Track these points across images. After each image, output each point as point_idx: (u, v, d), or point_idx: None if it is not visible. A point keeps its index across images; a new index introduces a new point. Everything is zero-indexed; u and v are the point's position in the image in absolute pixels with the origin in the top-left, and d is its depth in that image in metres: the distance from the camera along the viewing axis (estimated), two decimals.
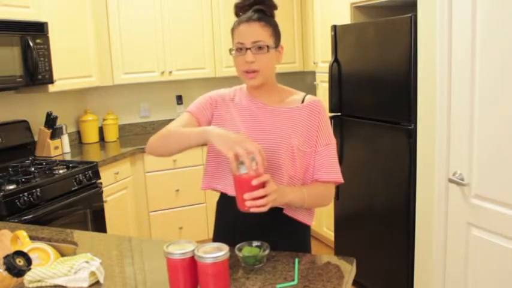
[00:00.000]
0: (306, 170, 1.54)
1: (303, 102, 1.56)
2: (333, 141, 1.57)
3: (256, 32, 1.45)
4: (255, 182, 1.29)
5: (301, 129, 1.52)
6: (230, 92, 1.65)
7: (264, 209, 1.31)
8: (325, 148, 1.54)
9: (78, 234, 1.78)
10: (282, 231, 1.55)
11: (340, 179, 1.55)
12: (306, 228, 1.62)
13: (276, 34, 1.51)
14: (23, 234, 1.53)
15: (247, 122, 1.55)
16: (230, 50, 1.51)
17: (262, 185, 1.31)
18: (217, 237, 1.66)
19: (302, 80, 4.46)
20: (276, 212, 1.48)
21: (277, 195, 1.34)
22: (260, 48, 1.45)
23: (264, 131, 1.52)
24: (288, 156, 1.49)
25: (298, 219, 1.55)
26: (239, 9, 1.52)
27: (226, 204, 1.60)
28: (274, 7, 1.53)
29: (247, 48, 1.45)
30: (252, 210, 1.31)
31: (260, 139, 1.49)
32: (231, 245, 1.34)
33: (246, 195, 1.29)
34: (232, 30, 1.52)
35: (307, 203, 1.50)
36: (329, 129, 1.57)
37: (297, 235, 1.59)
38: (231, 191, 1.51)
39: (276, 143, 1.50)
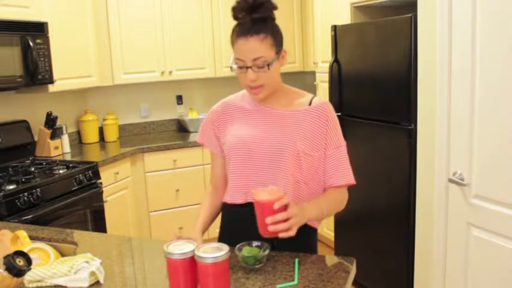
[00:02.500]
0: (315, 173, 1.52)
1: (310, 104, 1.53)
2: (343, 144, 1.54)
3: (255, 48, 1.40)
4: (276, 206, 1.27)
5: (307, 132, 1.50)
6: (233, 98, 1.64)
7: (292, 233, 1.30)
8: (336, 151, 1.52)
9: (78, 234, 1.78)
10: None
11: (352, 181, 1.55)
12: (313, 231, 1.60)
13: (277, 41, 1.45)
14: (23, 234, 1.53)
15: (251, 126, 1.54)
16: (231, 68, 1.47)
17: (284, 208, 1.30)
18: (222, 236, 1.65)
19: (302, 80, 4.46)
20: None
21: (299, 218, 1.33)
22: (261, 65, 1.42)
23: (268, 134, 1.50)
24: (294, 160, 1.47)
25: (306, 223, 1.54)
26: (237, 12, 1.45)
27: (233, 209, 1.58)
28: (274, 8, 1.46)
29: (247, 67, 1.42)
30: (281, 235, 1.29)
31: (265, 143, 1.49)
32: (235, 243, 1.34)
33: (268, 219, 1.27)
34: (231, 41, 1.46)
35: (326, 215, 1.52)
36: (338, 131, 1.55)
37: (305, 238, 1.56)
38: (230, 200, 1.55)
39: (280, 146, 1.48)
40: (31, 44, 2.82)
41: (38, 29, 2.91)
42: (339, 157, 1.52)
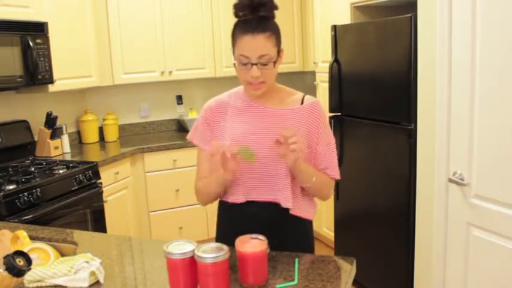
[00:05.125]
0: None
1: (302, 103, 1.57)
2: (332, 141, 1.60)
3: (262, 45, 1.42)
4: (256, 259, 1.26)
5: (302, 130, 1.53)
6: (225, 97, 1.64)
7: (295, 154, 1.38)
8: (326, 148, 1.57)
9: (78, 234, 1.78)
10: (286, 229, 1.56)
11: (338, 176, 1.60)
12: (309, 223, 1.63)
13: (278, 40, 1.48)
14: (23, 234, 1.53)
15: (248, 125, 1.54)
16: (234, 64, 1.48)
17: (265, 258, 1.28)
18: (221, 235, 1.66)
19: (302, 80, 4.46)
20: (279, 211, 1.50)
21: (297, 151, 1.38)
22: (266, 63, 1.43)
23: (267, 132, 1.51)
24: None
25: (301, 216, 1.57)
26: (239, 10, 1.46)
27: (229, 204, 1.59)
28: (276, 7, 1.48)
29: (252, 64, 1.43)
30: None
31: (264, 141, 1.49)
32: (234, 243, 1.34)
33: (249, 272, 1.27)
34: (234, 37, 1.47)
35: (314, 184, 1.53)
36: (328, 128, 1.60)
37: (301, 231, 1.59)
38: (231, 198, 1.56)
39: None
40: (31, 44, 2.82)
41: (38, 29, 2.91)
42: (330, 153, 1.58)
